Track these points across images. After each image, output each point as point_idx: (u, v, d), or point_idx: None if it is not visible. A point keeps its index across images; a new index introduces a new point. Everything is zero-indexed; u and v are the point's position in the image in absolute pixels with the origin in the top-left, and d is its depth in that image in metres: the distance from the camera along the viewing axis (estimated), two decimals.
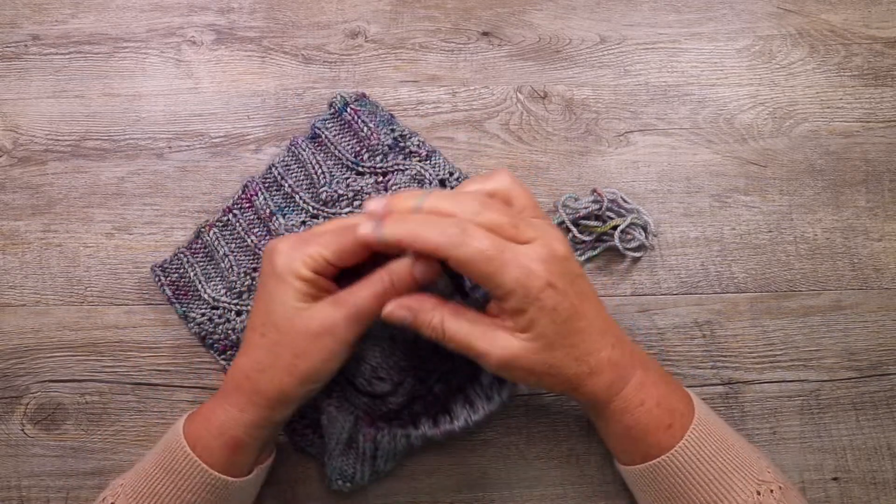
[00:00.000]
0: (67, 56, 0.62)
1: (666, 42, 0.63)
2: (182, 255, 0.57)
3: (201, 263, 0.57)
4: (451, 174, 0.58)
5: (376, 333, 0.49)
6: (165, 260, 0.57)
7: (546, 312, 0.42)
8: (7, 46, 0.63)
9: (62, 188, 0.60)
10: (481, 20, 0.64)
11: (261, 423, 0.45)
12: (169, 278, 0.57)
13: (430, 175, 0.57)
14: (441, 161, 0.59)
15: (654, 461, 0.46)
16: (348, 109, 0.59)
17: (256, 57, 0.63)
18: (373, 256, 0.45)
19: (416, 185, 0.57)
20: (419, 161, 0.58)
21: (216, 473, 0.45)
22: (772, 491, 0.44)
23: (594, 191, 0.58)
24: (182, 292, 0.57)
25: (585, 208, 0.57)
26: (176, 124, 0.61)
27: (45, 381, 0.56)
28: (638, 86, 0.62)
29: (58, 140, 0.61)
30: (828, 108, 0.62)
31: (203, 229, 0.58)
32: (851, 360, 0.57)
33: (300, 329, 0.43)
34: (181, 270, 0.57)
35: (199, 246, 0.58)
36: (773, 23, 0.64)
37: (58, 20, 0.63)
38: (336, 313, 0.43)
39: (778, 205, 0.60)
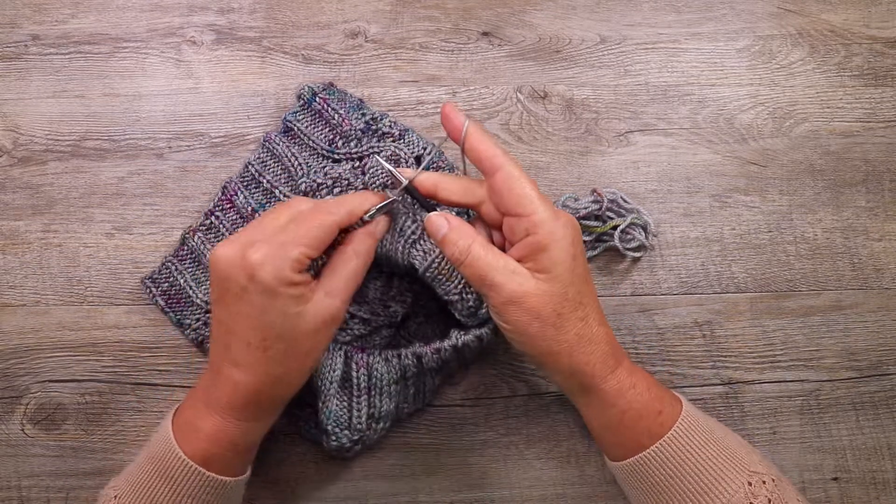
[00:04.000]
0: (67, 56, 0.62)
1: (666, 42, 0.63)
2: (170, 264, 0.57)
3: (190, 269, 0.57)
4: (425, 149, 0.58)
5: None
6: (154, 271, 0.57)
7: (568, 257, 0.44)
8: (7, 46, 0.62)
9: (62, 188, 0.60)
10: (481, 20, 0.64)
11: (271, 425, 0.48)
12: (160, 288, 0.57)
13: (406, 154, 0.57)
14: (415, 138, 0.58)
15: (643, 453, 0.46)
16: (317, 99, 0.59)
17: (256, 57, 0.63)
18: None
19: (392, 165, 0.57)
20: (393, 141, 0.58)
21: (215, 476, 0.45)
22: (764, 482, 0.44)
23: (594, 191, 0.58)
24: (174, 300, 0.57)
25: (585, 208, 0.57)
26: (176, 124, 0.61)
27: (45, 381, 0.56)
28: (638, 86, 0.62)
29: (58, 140, 0.60)
30: (828, 108, 0.62)
31: (188, 235, 0.57)
32: (851, 360, 0.57)
33: (305, 331, 0.44)
34: (171, 279, 0.57)
35: (185, 252, 0.57)
36: (773, 23, 0.64)
37: (58, 20, 0.63)
38: (335, 302, 0.45)
39: (778, 205, 0.60)
